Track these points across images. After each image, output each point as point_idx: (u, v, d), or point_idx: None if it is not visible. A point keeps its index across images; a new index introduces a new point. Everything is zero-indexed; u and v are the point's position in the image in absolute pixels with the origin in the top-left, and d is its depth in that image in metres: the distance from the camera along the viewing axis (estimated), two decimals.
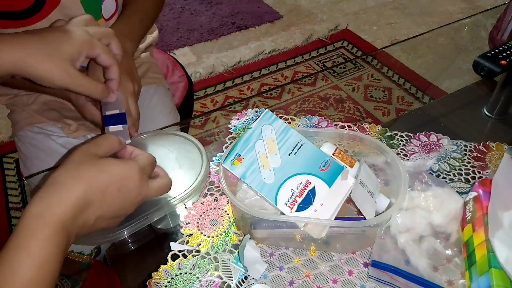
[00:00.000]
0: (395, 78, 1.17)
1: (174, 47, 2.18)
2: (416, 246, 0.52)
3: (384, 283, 0.51)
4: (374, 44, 2.19)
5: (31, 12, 0.68)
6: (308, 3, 2.52)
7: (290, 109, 0.91)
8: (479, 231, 0.50)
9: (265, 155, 0.55)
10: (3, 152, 1.68)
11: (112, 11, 0.78)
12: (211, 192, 0.64)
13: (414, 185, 0.57)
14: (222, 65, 2.07)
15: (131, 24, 0.76)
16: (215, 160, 0.68)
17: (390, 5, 2.49)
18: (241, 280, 0.54)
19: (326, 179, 0.55)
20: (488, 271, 0.46)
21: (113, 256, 0.61)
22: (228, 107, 0.87)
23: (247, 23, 2.35)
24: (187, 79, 1.11)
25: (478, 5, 2.44)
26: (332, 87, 1.24)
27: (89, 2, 0.72)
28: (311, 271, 0.54)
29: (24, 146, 0.84)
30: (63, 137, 0.83)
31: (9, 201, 1.52)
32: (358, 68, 1.19)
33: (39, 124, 0.84)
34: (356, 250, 0.56)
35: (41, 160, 0.81)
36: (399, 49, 1.03)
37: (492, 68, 0.69)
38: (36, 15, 0.68)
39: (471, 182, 0.63)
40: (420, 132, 0.71)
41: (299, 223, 0.52)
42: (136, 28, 0.77)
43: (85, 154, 0.44)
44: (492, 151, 0.68)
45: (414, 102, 1.08)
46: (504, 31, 0.86)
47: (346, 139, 0.62)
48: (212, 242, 0.57)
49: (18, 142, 0.85)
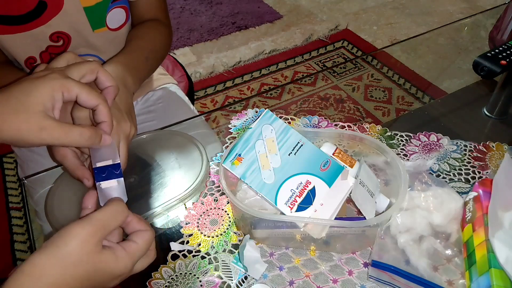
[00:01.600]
0: (395, 78, 1.17)
1: (174, 47, 2.18)
2: (416, 246, 0.52)
3: (384, 283, 0.51)
4: (374, 44, 2.19)
5: (31, 17, 0.67)
6: (308, 3, 2.52)
7: (290, 109, 0.91)
8: (479, 231, 0.50)
9: (265, 155, 0.55)
10: (3, 152, 1.68)
11: (121, 22, 0.76)
12: (211, 192, 0.64)
13: (414, 185, 0.57)
14: (222, 65, 2.07)
15: (135, 59, 0.68)
16: (215, 160, 0.68)
17: (390, 5, 2.49)
18: (241, 280, 0.54)
19: (326, 179, 0.55)
20: (488, 271, 0.46)
21: None
22: (228, 107, 0.87)
23: (247, 23, 2.35)
24: (187, 79, 1.11)
25: (478, 5, 2.44)
26: (332, 87, 1.24)
27: (93, 9, 0.71)
28: (311, 271, 0.54)
29: (20, 151, 0.84)
30: None
31: (9, 201, 1.52)
32: (358, 68, 1.19)
33: None
34: (356, 250, 0.56)
35: (38, 163, 0.81)
36: (399, 49, 1.03)
37: (492, 68, 0.69)
38: (36, 21, 0.67)
39: (471, 182, 0.63)
40: (420, 132, 0.71)
41: (299, 223, 0.52)
42: (141, 66, 0.70)
43: (87, 245, 0.38)
44: (492, 151, 0.68)
45: (414, 102, 1.08)
46: (504, 31, 0.86)
47: (346, 139, 0.62)
48: (212, 242, 0.57)
49: (14, 147, 0.85)
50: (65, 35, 0.72)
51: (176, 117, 0.84)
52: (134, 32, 0.77)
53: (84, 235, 0.38)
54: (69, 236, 0.38)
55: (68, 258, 0.38)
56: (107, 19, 0.73)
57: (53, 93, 0.45)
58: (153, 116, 0.88)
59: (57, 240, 0.38)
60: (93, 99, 0.47)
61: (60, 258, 0.37)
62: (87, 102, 0.47)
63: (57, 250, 0.38)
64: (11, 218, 1.47)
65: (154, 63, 0.77)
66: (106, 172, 0.48)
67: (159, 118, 0.87)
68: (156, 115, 0.88)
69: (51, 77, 0.46)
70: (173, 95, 0.93)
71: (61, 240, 0.38)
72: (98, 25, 0.73)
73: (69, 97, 0.46)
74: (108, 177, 0.47)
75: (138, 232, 0.44)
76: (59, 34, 0.71)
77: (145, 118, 0.88)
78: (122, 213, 0.42)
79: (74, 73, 0.48)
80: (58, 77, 0.46)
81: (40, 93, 0.44)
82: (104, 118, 0.49)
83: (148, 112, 0.88)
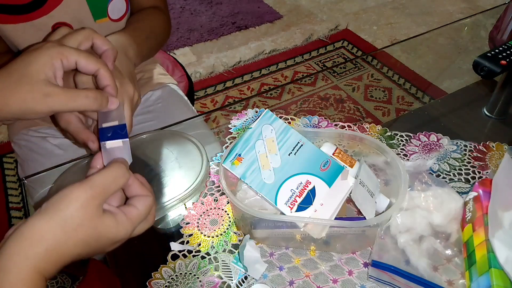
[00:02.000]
0: (395, 78, 1.17)
1: (174, 47, 2.18)
2: (416, 246, 0.52)
3: (384, 283, 0.51)
4: (374, 44, 2.19)
5: (33, 7, 0.67)
6: (308, 3, 2.52)
7: (290, 109, 0.91)
8: (479, 231, 0.50)
9: (265, 155, 0.55)
10: (3, 152, 1.68)
11: (122, 12, 0.77)
12: (211, 192, 0.64)
13: (414, 185, 0.57)
14: (222, 65, 2.07)
15: (136, 37, 0.69)
16: (215, 160, 0.68)
17: (390, 5, 2.49)
18: (241, 280, 0.54)
19: (326, 179, 0.55)
20: (488, 271, 0.46)
21: (113, 256, 0.61)
22: (228, 107, 0.88)
23: (247, 23, 2.35)
24: (187, 79, 1.11)
25: (478, 5, 2.44)
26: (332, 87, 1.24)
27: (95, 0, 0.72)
28: (311, 271, 0.54)
29: (20, 150, 0.84)
30: (59, 138, 0.83)
31: (9, 201, 1.52)
32: (358, 68, 1.19)
33: (34, 127, 0.84)
34: (356, 250, 0.56)
35: (38, 163, 0.81)
36: (399, 49, 1.03)
37: (492, 68, 0.69)
38: (38, 11, 0.68)
39: (471, 182, 0.63)
40: (420, 132, 0.71)
41: (299, 223, 0.52)
42: (141, 43, 0.70)
43: (89, 209, 0.38)
44: (492, 151, 0.68)
45: (414, 102, 1.08)
46: (504, 31, 0.86)
47: (346, 139, 0.62)
48: (212, 242, 0.57)
49: (15, 146, 0.85)
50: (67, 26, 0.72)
51: (176, 117, 0.84)
52: (133, 17, 0.78)
53: (84, 198, 0.38)
54: (69, 199, 0.38)
55: (69, 222, 0.37)
56: (108, 9, 0.74)
57: (52, 61, 0.45)
58: (152, 116, 0.88)
59: (57, 203, 0.38)
60: (92, 64, 0.47)
61: (60, 222, 0.37)
62: (87, 67, 0.47)
63: (57, 214, 0.37)
64: (11, 218, 1.47)
65: (154, 43, 0.77)
66: (112, 132, 0.47)
67: (158, 118, 0.87)
68: (155, 115, 0.88)
69: (47, 46, 0.46)
70: (172, 95, 0.93)
71: (61, 203, 0.38)
72: (100, 15, 0.74)
73: (68, 64, 0.46)
74: (113, 137, 0.47)
75: (140, 197, 0.43)
76: (61, 24, 0.71)
77: (144, 118, 0.88)
78: (123, 176, 0.42)
79: (69, 42, 0.48)
80: (54, 46, 0.46)
81: (40, 63, 0.45)
82: (106, 81, 0.49)
83: (147, 112, 0.89)
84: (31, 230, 0.37)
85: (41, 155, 0.81)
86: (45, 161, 0.80)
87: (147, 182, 0.46)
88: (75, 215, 0.37)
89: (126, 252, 0.61)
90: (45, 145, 0.82)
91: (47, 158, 0.81)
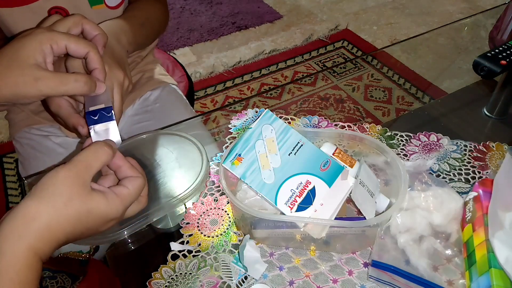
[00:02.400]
0: (395, 78, 1.17)
1: (174, 47, 2.18)
2: (416, 246, 0.52)
3: (384, 283, 0.51)
4: (374, 44, 2.19)
5: None
6: (308, 3, 2.52)
7: (290, 109, 0.91)
8: (479, 231, 0.50)
9: (265, 155, 0.55)
10: (3, 152, 1.68)
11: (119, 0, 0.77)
12: (211, 192, 0.64)
13: (414, 185, 0.57)
14: (222, 65, 2.07)
15: (130, 24, 0.70)
16: (215, 160, 0.68)
17: (390, 5, 2.49)
18: (241, 280, 0.54)
19: (326, 179, 0.55)
20: (488, 271, 0.46)
21: (113, 256, 0.61)
22: (228, 107, 0.87)
23: (247, 23, 2.35)
24: (187, 79, 1.11)
25: (478, 5, 2.44)
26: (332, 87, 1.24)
27: None
28: (311, 271, 0.54)
29: (22, 147, 0.84)
30: (61, 137, 0.83)
31: (9, 201, 1.53)
32: (358, 68, 1.19)
33: (36, 125, 0.84)
34: (356, 250, 0.56)
35: (39, 161, 0.81)
36: (399, 49, 1.03)
37: (492, 68, 0.69)
38: None
39: (471, 182, 0.63)
40: (420, 132, 0.71)
41: (299, 223, 0.52)
42: (136, 30, 0.71)
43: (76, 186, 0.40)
44: (492, 151, 0.68)
45: (414, 102, 1.08)
46: (504, 31, 0.86)
47: (346, 139, 0.62)
48: (212, 242, 0.57)
49: (16, 144, 0.85)
50: (63, 11, 0.72)
51: (174, 117, 0.84)
52: (129, 6, 0.78)
53: (70, 177, 0.40)
54: (55, 179, 0.40)
55: (59, 199, 0.39)
56: None
57: (42, 46, 0.46)
58: (150, 116, 0.88)
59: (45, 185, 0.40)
60: (82, 46, 0.48)
61: (51, 200, 0.39)
62: (77, 51, 0.48)
63: (46, 194, 0.39)
64: None
65: (150, 31, 0.78)
66: (98, 116, 0.48)
67: (156, 118, 0.87)
68: (154, 115, 0.88)
69: (37, 32, 0.47)
70: (171, 95, 0.93)
71: (49, 184, 0.40)
72: (96, 2, 0.73)
73: (58, 49, 0.47)
74: (100, 120, 0.48)
75: (130, 178, 0.45)
76: (57, 9, 0.71)
77: (142, 118, 0.88)
78: (104, 152, 0.43)
79: (59, 28, 0.49)
80: (44, 32, 0.47)
81: (29, 48, 0.46)
82: (95, 64, 0.50)
83: (146, 112, 0.89)
84: (22, 211, 0.38)
85: (42, 153, 0.81)
86: (47, 159, 0.80)
87: (138, 165, 0.47)
88: (63, 192, 0.39)
89: (126, 252, 0.61)
90: (46, 143, 0.82)
91: (49, 156, 0.81)
